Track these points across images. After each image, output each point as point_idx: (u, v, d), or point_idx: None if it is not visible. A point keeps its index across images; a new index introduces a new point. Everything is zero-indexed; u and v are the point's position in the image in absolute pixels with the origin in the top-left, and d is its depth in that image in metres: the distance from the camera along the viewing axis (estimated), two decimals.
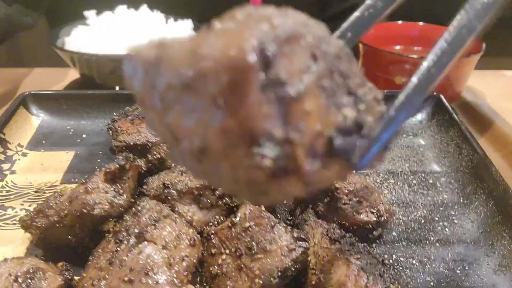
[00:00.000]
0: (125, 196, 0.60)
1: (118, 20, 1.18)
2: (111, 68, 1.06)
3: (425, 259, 0.67)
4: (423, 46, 1.21)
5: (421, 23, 1.22)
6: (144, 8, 1.22)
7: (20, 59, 1.63)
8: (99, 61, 1.06)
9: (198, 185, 0.64)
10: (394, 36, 1.22)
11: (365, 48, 1.12)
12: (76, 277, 0.56)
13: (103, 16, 1.19)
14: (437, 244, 0.70)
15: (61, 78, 1.26)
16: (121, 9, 1.20)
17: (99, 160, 0.87)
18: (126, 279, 0.49)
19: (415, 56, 1.07)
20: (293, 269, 0.54)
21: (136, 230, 0.53)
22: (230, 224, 0.59)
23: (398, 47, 1.23)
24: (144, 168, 0.67)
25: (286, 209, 0.73)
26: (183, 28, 1.21)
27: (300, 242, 0.55)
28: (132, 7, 1.22)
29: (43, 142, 0.92)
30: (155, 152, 0.73)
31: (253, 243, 0.56)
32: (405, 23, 1.23)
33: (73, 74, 1.25)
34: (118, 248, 0.53)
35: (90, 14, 1.19)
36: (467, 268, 0.66)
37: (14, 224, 0.71)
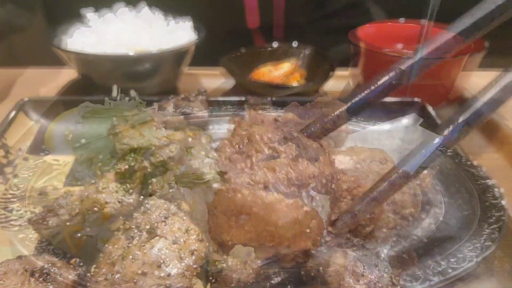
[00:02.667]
0: (134, 195, 0.63)
1: (117, 19, 1.17)
2: (110, 68, 1.07)
3: (414, 254, 0.72)
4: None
5: (423, 21, 1.14)
6: (144, 7, 1.21)
7: (14, 58, 1.61)
8: (97, 61, 1.06)
9: None
10: (395, 35, 1.17)
11: (366, 49, 1.09)
12: (88, 274, 0.58)
13: (102, 15, 1.19)
14: (425, 240, 0.75)
15: (56, 78, 1.26)
16: (120, 8, 1.20)
17: (99, 164, 0.89)
18: (139, 272, 0.52)
19: None
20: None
21: (148, 227, 0.57)
22: None
23: (399, 46, 1.18)
24: (149, 170, 0.70)
25: None
26: (183, 27, 1.21)
27: None
28: (131, 6, 1.21)
29: (43, 147, 0.94)
30: (158, 155, 0.76)
31: None
32: (406, 22, 1.18)
33: (68, 73, 1.24)
34: (130, 244, 0.56)
35: (88, 13, 1.18)
36: (452, 261, 0.71)
37: (21, 225, 0.73)
